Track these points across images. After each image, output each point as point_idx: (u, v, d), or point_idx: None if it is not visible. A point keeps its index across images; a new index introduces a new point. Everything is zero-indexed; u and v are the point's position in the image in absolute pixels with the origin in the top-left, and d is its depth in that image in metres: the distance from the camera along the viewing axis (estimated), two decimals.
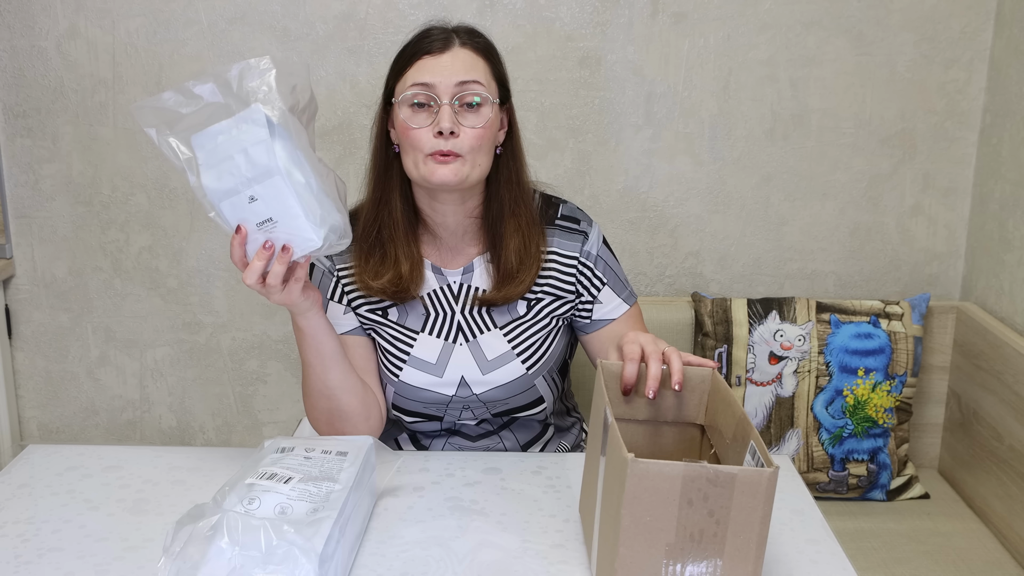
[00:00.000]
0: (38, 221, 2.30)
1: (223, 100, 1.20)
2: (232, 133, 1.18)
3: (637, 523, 1.00)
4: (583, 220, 1.51)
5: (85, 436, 2.45)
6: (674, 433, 1.25)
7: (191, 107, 1.20)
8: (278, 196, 1.19)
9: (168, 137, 1.20)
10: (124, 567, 1.15)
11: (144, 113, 1.21)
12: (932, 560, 1.86)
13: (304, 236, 1.21)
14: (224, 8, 2.16)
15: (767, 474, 0.98)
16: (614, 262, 1.53)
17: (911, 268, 2.27)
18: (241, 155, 1.18)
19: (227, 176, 1.19)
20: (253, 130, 1.18)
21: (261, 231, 1.21)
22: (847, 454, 2.03)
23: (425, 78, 1.35)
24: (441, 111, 1.34)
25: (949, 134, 2.19)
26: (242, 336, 2.36)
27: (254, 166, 1.18)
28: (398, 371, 1.49)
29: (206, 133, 1.19)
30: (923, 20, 2.13)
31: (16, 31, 2.19)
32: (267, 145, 1.18)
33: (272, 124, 1.18)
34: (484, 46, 1.41)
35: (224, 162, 1.19)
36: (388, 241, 1.45)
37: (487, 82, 1.38)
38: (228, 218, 1.22)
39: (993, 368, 1.97)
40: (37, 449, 1.46)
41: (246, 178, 1.19)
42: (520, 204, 1.45)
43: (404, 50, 1.40)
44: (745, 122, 2.20)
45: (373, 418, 1.45)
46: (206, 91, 1.20)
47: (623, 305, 1.52)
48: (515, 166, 1.45)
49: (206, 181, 1.20)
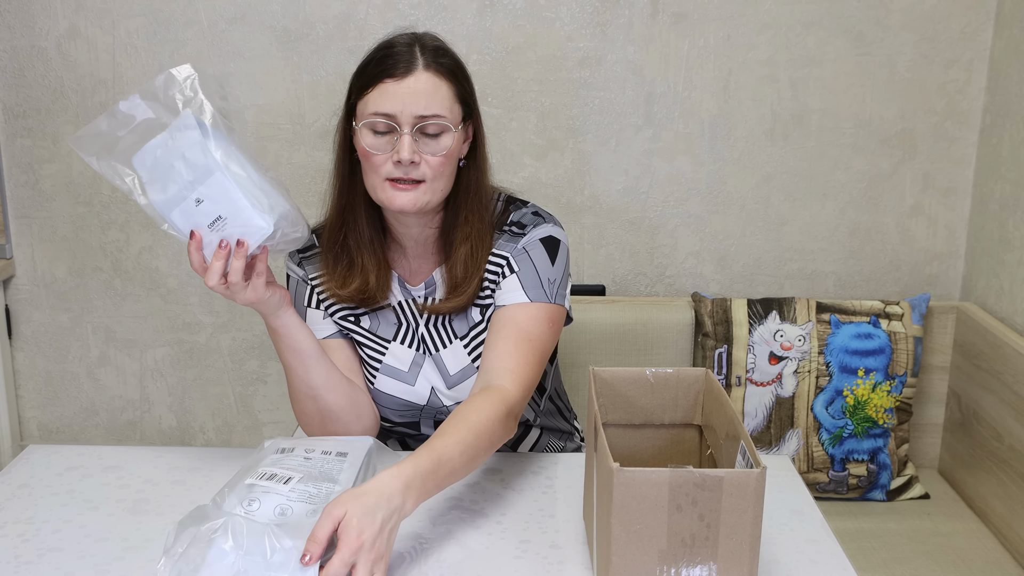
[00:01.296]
0: (38, 221, 2.30)
1: (154, 115, 1.23)
2: (168, 144, 1.22)
3: (628, 531, 1.00)
4: (530, 224, 1.45)
5: (85, 436, 2.45)
6: (671, 435, 1.25)
7: (125, 128, 1.24)
8: (222, 192, 1.22)
9: (110, 162, 1.23)
10: (124, 567, 1.15)
11: (83, 143, 1.24)
12: (932, 560, 1.86)
13: (255, 225, 1.23)
14: (224, 8, 2.16)
15: (755, 475, 0.98)
16: (544, 261, 1.43)
17: (911, 268, 2.27)
18: (180, 161, 1.21)
19: (171, 185, 1.22)
20: (187, 134, 1.21)
21: (214, 231, 1.23)
22: (847, 454, 2.03)
23: (386, 107, 1.33)
24: (401, 140, 1.32)
25: (949, 134, 2.19)
26: (242, 336, 2.37)
27: (193, 169, 1.21)
28: (372, 379, 1.50)
29: (144, 151, 1.22)
30: (923, 20, 2.13)
31: (16, 31, 2.19)
32: (201, 145, 1.21)
33: (203, 125, 1.22)
34: (448, 67, 1.37)
35: (167, 172, 1.22)
36: (355, 248, 1.44)
37: (449, 109, 1.35)
38: (180, 226, 1.24)
39: (993, 368, 1.97)
40: (37, 449, 1.46)
41: (188, 182, 1.22)
42: (474, 213, 1.42)
43: (367, 67, 1.37)
44: (745, 122, 2.20)
45: (365, 416, 1.45)
46: (136, 109, 1.24)
47: (522, 296, 1.40)
48: (476, 176, 1.43)
49: (152, 196, 1.23)
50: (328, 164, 2.27)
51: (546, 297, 1.41)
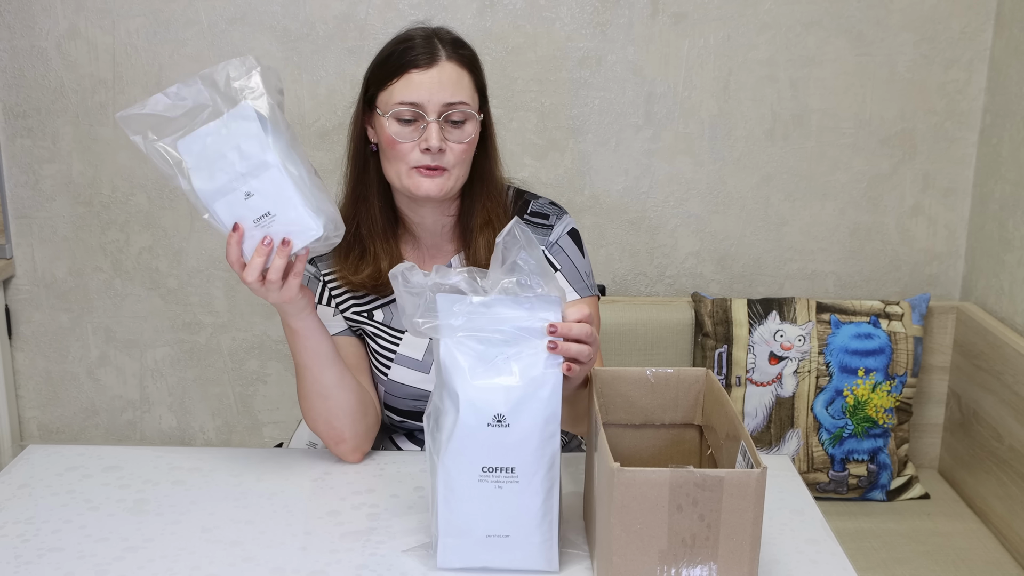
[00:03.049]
0: (38, 221, 2.30)
1: (210, 101, 1.19)
2: (222, 132, 1.18)
3: (628, 531, 1.00)
4: (552, 215, 1.53)
5: (85, 436, 2.45)
6: (672, 435, 1.25)
7: (178, 110, 1.20)
8: (276, 188, 1.19)
9: (156, 143, 1.19)
10: (124, 567, 1.15)
11: (130, 121, 1.20)
12: (932, 560, 1.86)
13: (305, 225, 1.20)
14: (224, 8, 2.16)
15: (755, 475, 0.98)
16: (576, 254, 1.53)
17: (911, 268, 2.27)
18: (234, 152, 1.18)
19: (220, 175, 1.19)
20: (245, 126, 1.18)
21: (258, 227, 1.20)
22: (847, 454, 2.03)
23: (413, 96, 1.37)
24: (429, 128, 1.37)
25: (949, 134, 2.19)
26: (242, 336, 2.36)
27: (248, 161, 1.18)
28: (387, 370, 1.51)
29: (194, 136, 1.19)
30: (923, 20, 2.13)
31: (16, 31, 2.19)
32: (260, 138, 1.18)
33: (263, 119, 1.19)
34: (468, 58, 1.43)
35: (216, 161, 1.18)
36: (367, 238, 1.47)
37: (471, 98, 1.41)
38: (223, 217, 1.21)
39: (993, 368, 1.97)
40: (37, 449, 1.46)
41: (240, 174, 1.19)
42: (492, 200, 1.48)
43: (388, 59, 1.41)
44: (745, 122, 2.20)
45: (370, 415, 1.46)
46: (192, 92, 1.20)
47: (573, 294, 1.51)
48: (489, 165, 1.48)
49: (197, 183, 1.19)
50: (329, 163, 2.28)
51: (588, 290, 1.52)
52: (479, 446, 1.07)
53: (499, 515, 1.10)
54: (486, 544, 1.11)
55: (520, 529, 1.10)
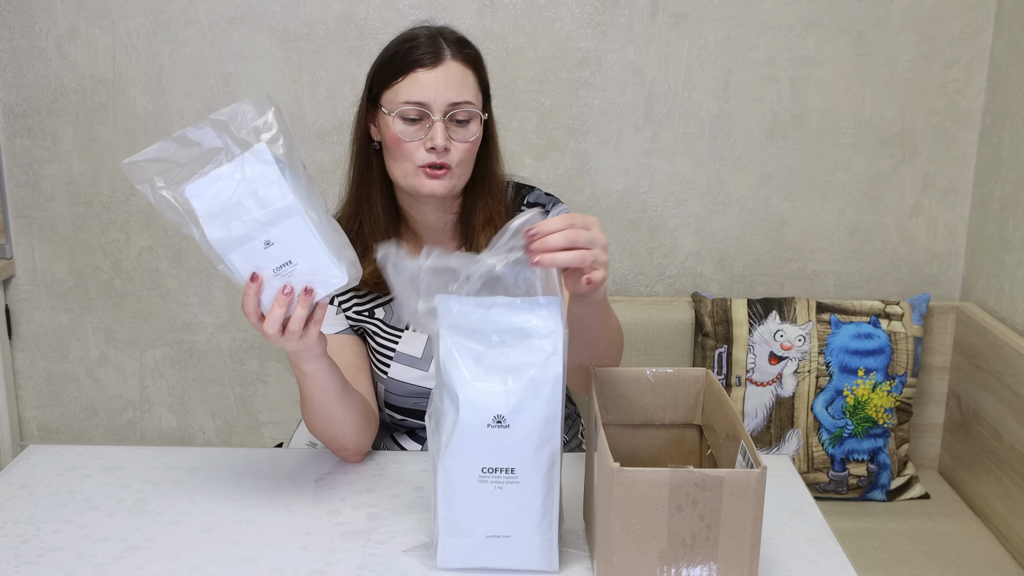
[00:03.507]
0: (38, 221, 2.30)
1: (221, 145, 1.12)
2: (236, 177, 1.11)
3: (628, 531, 1.00)
4: (548, 204, 1.54)
5: (85, 436, 2.45)
6: (672, 435, 1.25)
7: (188, 156, 1.13)
8: (298, 236, 1.12)
9: (163, 191, 1.12)
10: (124, 567, 1.15)
11: (136, 169, 1.13)
12: (932, 560, 1.86)
13: (329, 273, 1.14)
14: (224, 8, 2.16)
15: (755, 475, 0.98)
16: None
17: (911, 268, 2.27)
18: (251, 198, 1.11)
19: (236, 223, 1.11)
20: (262, 169, 1.11)
21: (278, 276, 1.13)
22: (847, 454, 2.03)
23: (418, 96, 1.37)
24: (434, 127, 1.37)
25: (949, 134, 2.19)
26: (242, 336, 2.36)
27: (267, 208, 1.11)
28: (387, 368, 1.51)
29: (204, 180, 1.12)
30: (923, 20, 2.13)
31: (16, 31, 2.19)
32: (279, 184, 1.11)
33: (281, 163, 1.12)
34: (473, 58, 1.43)
35: (231, 209, 1.11)
36: (369, 235, 1.47)
37: (476, 97, 1.41)
38: (240, 268, 1.14)
39: (993, 368, 1.97)
40: (37, 449, 1.46)
41: (259, 222, 1.11)
42: (493, 199, 1.49)
43: (393, 58, 1.41)
44: (745, 122, 2.20)
45: (372, 423, 1.45)
46: (202, 136, 1.13)
47: None
48: (491, 163, 1.49)
49: (211, 232, 1.12)
50: (329, 163, 2.27)
51: None
52: (479, 447, 1.07)
53: (499, 515, 1.10)
54: (486, 544, 1.11)
55: (520, 529, 1.10)
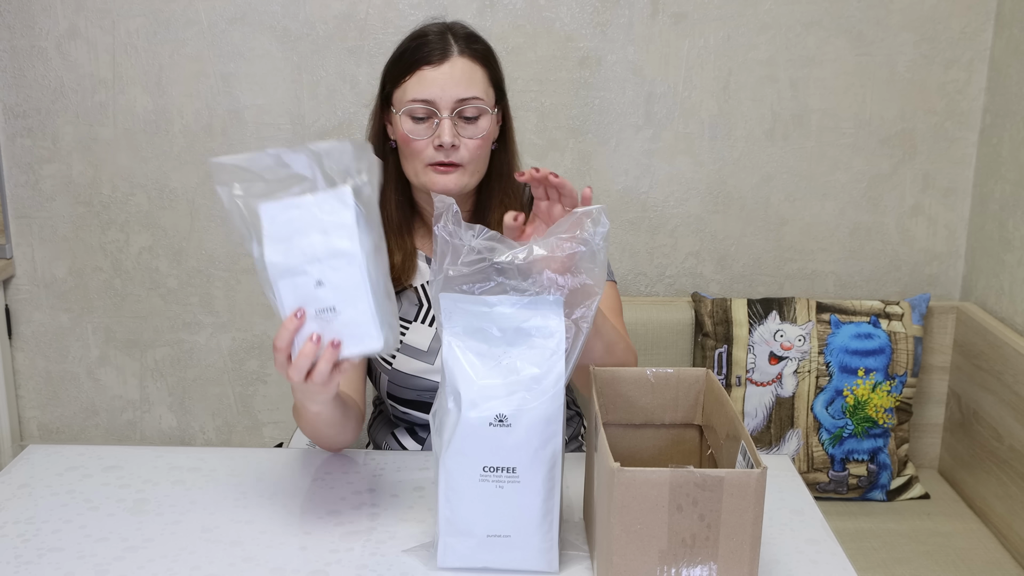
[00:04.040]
0: (38, 221, 2.30)
1: (310, 175, 1.11)
2: (313, 210, 1.09)
3: (628, 531, 1.00)
4: None
5: (85, 436, 2.45)
6: (672, 435, 1.25)
7: (276, 174, 1.11)
8: (351, 287, 1.10)
9: (240, 199, 1.11)
10: (124, 567, 1.15)
11: (221, 170, 1.12)
12: (932, 560, 1.86)
13: (366, 333, 1.11)
14: (224, 8, 2.16)
15: (755, 475, 0.98)
16: None
17: (911, 268, 2.27)
18: (319, 235, 1.09)
19: (296, 252, 1.10)
20: (339, 210, 1.09)
21: (317, 320, 1.11)
22: (847, 454, 2.03)
23: (425, 93, 1.37)
24: (441, 125, 1.37)
25: (949, 134, 2.19)
26: (242, 336, 2.36)
27: (331, 249, 1.09)
28: (392, 359, 1.51)
29: (282, 204, 1.10)
30: (923, 20, 2.13)
31: (16, 31, 2.19)
32: (351, 230, 1.09)
33: (359, 211, 1.10)
34: (482, 53, 1.43)
35: (296, 238, 1.10)
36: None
37: (485, 92, 1.41)
38: (284, 298, 1.11)
39: (993, 368, 1.97)
40: (37, 449, 1.46)
41: (318, 260, 1.10)
42: (509, 196, 1.48)
43: (402, 56, 1.41)
44: (745, 122, 2.20)
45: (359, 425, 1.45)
46: (295, 161, 1.11)
47: None
48: (508, 159, 1.49)
49: (270, 255, 1.10)
50: None
51: (611, 277, 1.54)
52: (480, 446, 1.07)
53: (500, 515, 1.10)
54: (486, 544, 1.11)
55: (520, 529, 1.10)
